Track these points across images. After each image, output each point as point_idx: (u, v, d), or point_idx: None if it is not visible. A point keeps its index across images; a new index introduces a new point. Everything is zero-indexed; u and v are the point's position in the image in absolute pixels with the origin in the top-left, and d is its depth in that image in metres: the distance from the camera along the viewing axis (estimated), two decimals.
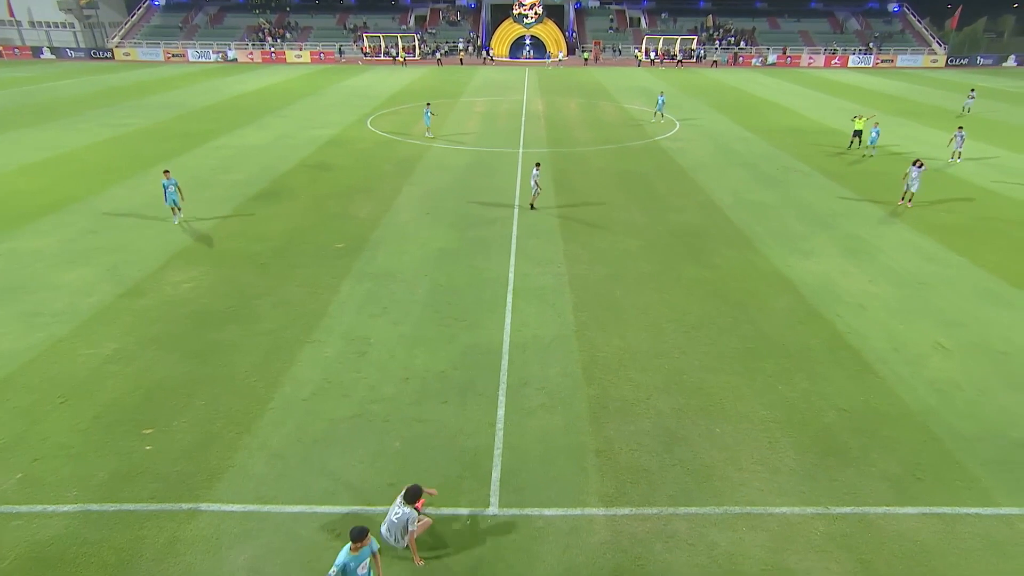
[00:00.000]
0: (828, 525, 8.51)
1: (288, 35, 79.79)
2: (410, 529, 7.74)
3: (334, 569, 6.77)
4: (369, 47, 77.36)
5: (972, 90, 43.41)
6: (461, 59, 75.43)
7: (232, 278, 15.85)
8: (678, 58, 75.92)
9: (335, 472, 9.39)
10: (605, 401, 11.09)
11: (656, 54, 75.83)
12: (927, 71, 72.40)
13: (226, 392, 11.24)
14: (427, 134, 32.62)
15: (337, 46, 77.30)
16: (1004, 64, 78.40)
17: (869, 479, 9.33)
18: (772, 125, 36.93)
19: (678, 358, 12.45)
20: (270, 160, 27.59)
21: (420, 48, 77.68)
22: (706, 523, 8.52)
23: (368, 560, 7.04)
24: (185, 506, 8.71)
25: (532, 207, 21.49)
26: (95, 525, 8.39)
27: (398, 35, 77.84)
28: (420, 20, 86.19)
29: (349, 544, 6.88)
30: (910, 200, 21.64)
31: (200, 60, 75.06)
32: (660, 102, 37.96)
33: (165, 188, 18.88)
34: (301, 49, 76.81)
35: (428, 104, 33.72)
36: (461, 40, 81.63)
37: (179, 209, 19.33)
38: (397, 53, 75.69)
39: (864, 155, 27.66)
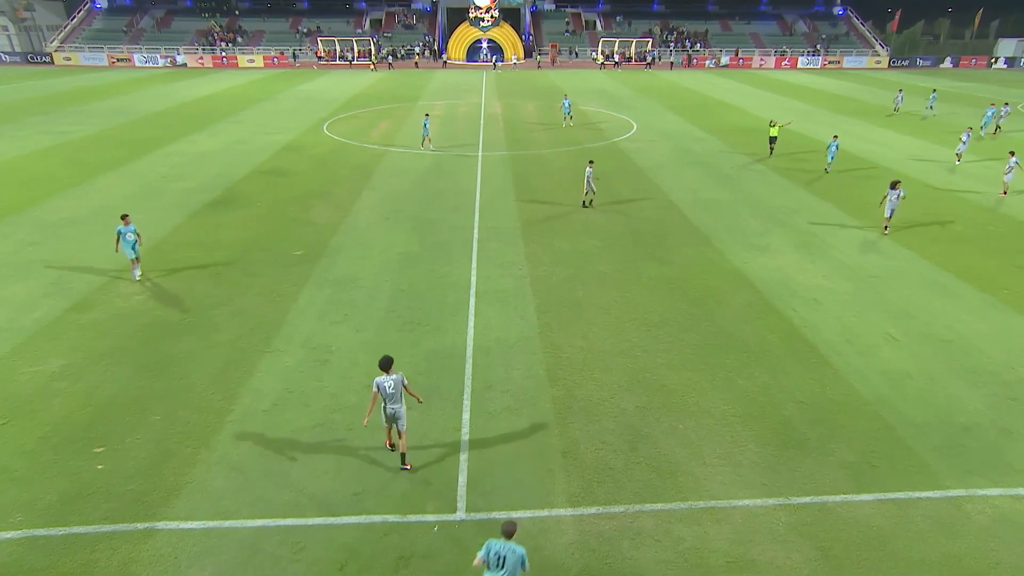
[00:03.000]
0: (789, 515, 8.71)
1: (239, 39, 78.14)
2: (404, 384, 9.25)
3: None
4: (324, 51, 76.31)
5: (900, 90, 45.64)
6: (416, 63, 74.95)
7: (186, 288, 15.42)
8: (647, 60, 77.10)
9: (298, 483, 9.20)
10: (569, 401, 11.15)
11: (616, 56, 76.83)
12: (871, 72, 75.14)
13: (182, 406, 10.91)
14: (429, 146, 30.73)
15: (291, 50, 76.04)
16: (941, 65, 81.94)
17: (827, 468, 9.59)
18: (726, 125, 37.77)
19: (640, 356, 12.60)
20: (224, 167, 26.96)
21: (377, 52, 76.97)
22: (672, 519, 8.63)
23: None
24: (140, 526, 8.41)
25: (584, 205, 21.94)
26: (42, 551, 8.03)
27: (353, 39, 77.05)
28: (375, 24, 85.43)
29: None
30: (885, 226, 19.48)
31: (147, 65, 72.90)
32: (566, 105, 37.06)
33: (122, 235, 15.30)
34: (253, 53, 75.32)
35: (427, 115, 31.85)
36: (418, 43, 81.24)
37: (138, 260, 15.86)
38: (354, 57, 75.04)
39: (825, 170, 26.76)
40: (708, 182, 25.28)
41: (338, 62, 75.58)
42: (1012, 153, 23.11)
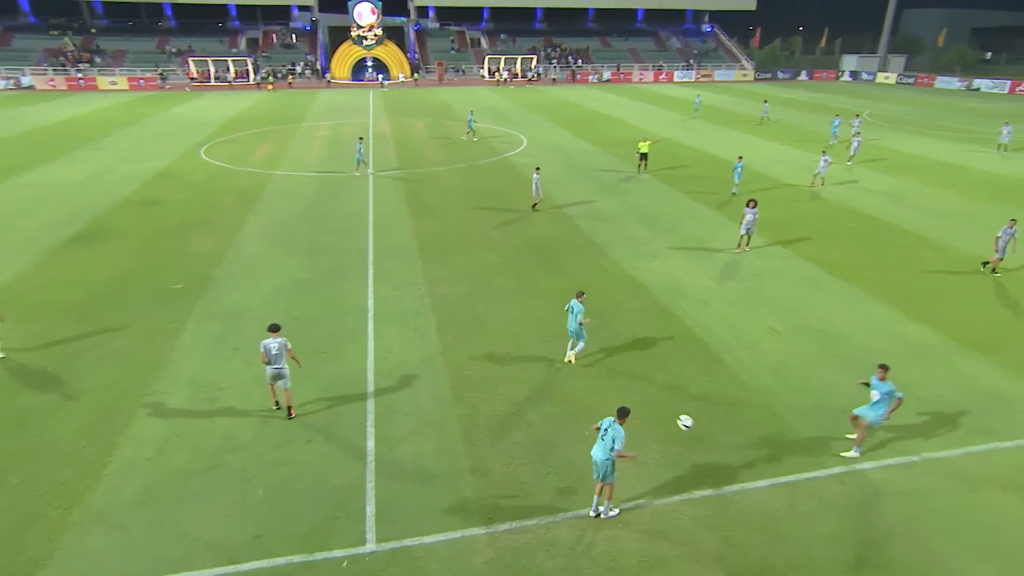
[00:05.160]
0: (693, 509, 9.16)
1: (98, 59, 72.70)
2: (288, 348, 10.86)
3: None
4: (196, 72, 72.54)
5: (766, 101, 49.78)
6: (290, 82, 72.06)
7: (46, 333, 14.06)
8: (529, 76, 79.17)
9: (191, 533, 8.60)
10: (476, 419, 11.17)
11: (507, 73, 78.45)
12: (740, 84, 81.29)
13: (47, 464, 9.91)
14: (359, 171, 29.34)
15: (159, 71, 71.64)
16: (799, 78, 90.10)
17: (725, 460, 10.18)
18: (612, 138, 39.48)
19: (544, 368, 12.85)
20: (87, 198, 24.93)
21: (257, 72, 74.13)
22: (584, 525, 8.83)
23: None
24: None
25: (535, 208, 23.57)
26: None
27: (229, 59, 73.91)
28: (252, 43, 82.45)
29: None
30: (747, 244, 19.58)
31: None
32: (470, 120, 39.29)
33: None
34: (116, 75, 70.28)
35: (360, 139, 30.24)
36: (299, 63, 79.14)
37: None
38: (233, 78, 71.90)
39: (732, 193, 25.97)
40: (598, 193, 26.29)
41: (213, 83, 72.09)
42: (824, 152, 28.02)
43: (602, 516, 8.93)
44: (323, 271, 17.78)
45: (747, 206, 19.03)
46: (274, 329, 10.86)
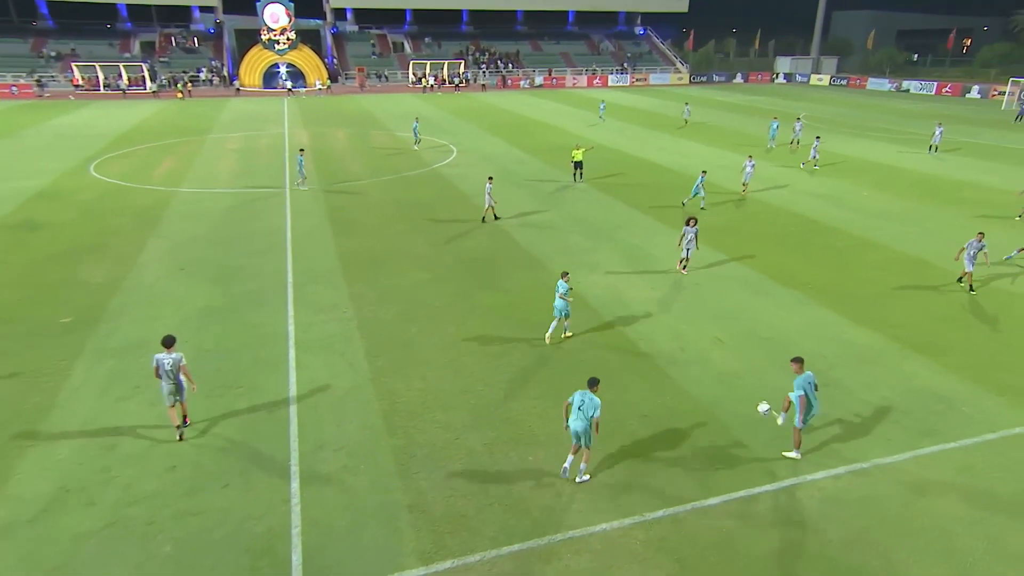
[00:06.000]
0: (645, 532, 9.27)
1: None
2: (182, 365, 10.85)
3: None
4: (82, 79, 69.32)
5: (687, 103, 52.77)
6: (190, 90, 68.76)
7: None
8: (457, 82, 79.54)
9: None
10: (412, 449, 11.00)
11: (434, 79, 78.52)
12: (675, 87, 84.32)
13: None
14: (302, 185, 28.71)
15: (35, 77, 67.94)
16: (734, 81, 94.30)
17: (675, 478, 10.37)
18: (545, 145, 40.11)
19: (483, 391, 12.80)
20: None
21: (155, 79, 71.53)
22: (531, 558, 8.79)
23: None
24: None
25: (484, 220, 24.05)
26: None
27: (120, 64, 71.08)
28: (147, 47, 79.69)
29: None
30: (685, 266, 19.22)
31: None
32: (415, 128, 39.65)
33: None
34: None
35: (301, 151, 29.36)
36: (203, 69, 76.98)
37: None
38: (127, 86, 69.06)
39: (683, 203, 26.05)
40: (534, 203, 26.60)
41: (103, 91, 69.02)
42: (750, 156, 28.66)
43: (577, 481, 10.22)
44: (236, 297, 17.22)
45: (687, 224, 18.65)
46: (168, 343, 10.93)
